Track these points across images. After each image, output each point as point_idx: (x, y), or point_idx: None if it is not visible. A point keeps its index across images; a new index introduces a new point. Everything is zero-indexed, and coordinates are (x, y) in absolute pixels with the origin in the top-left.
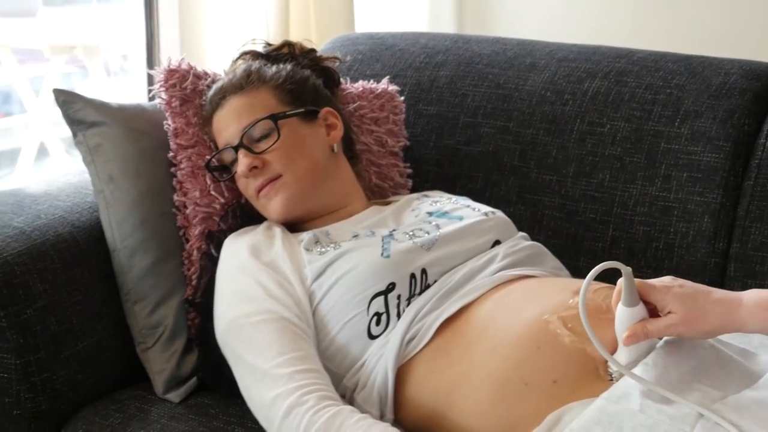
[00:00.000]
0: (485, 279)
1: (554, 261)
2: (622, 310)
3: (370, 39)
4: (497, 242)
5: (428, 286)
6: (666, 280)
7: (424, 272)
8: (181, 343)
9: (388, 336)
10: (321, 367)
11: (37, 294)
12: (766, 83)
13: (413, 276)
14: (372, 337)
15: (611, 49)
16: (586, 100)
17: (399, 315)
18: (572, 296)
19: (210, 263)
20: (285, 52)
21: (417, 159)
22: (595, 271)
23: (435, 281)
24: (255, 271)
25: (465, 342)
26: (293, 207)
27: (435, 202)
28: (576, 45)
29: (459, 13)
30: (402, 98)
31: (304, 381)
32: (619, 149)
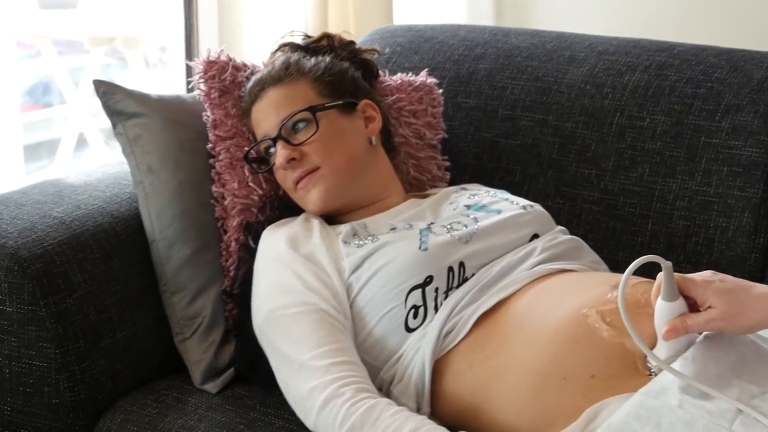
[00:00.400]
0: (523, 273)
1: (593, 255)
2: (662, 305)
3: (409, 31)
4: (535, 236)
5: (466, 280)
6: (706, 275)
7: (462, 265)
8: (219, 334)
9: (426, 329)
10: (358, 360)
11: (77, 284)
12: None
13: (451, 269)
14: (409, 330)
15: (652, 43)
16: (626, 94)
17: (436, 308)
18: (611, 290)
19: (248, 255)
20: (324, 45)
21: (455, 152)
22: (635, 265)
23: (473, 274)
24: (293, 263)
25: (502, 336)
26: (331, 199)
27: (473, 195)
28: (616, 38)
29: (497, 6)
30: (440, 91)
31: (342, 373)
32: (659, 143)
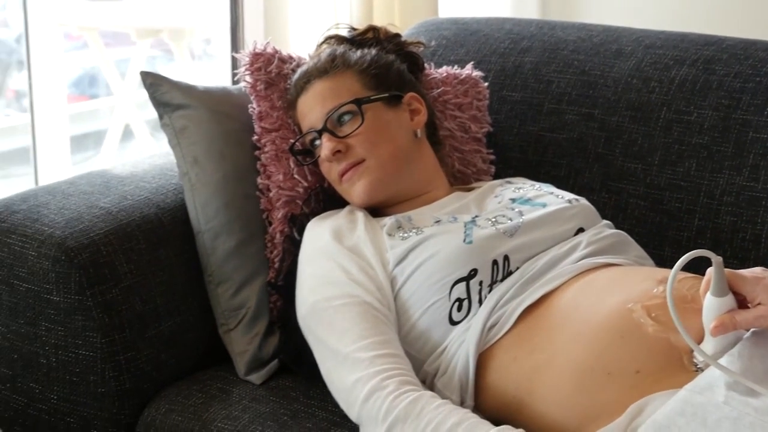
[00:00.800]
0: (568, 266)
1: (638, 250)
2: (711, 300)
3: (455, 24)
4: (581, 230)
5: (510, 273)
6: (756, 271)
7: (507, 259)
8: (263, 326)
9: (470, 322)
10: (402, 352)
11: (123, 274)
12: None
13: (495, 262)
14: (453, 323)
15: (699, 36)
16: (673, 88)
17: (480, 301)
18: (656, 285)
19: (292, 246)
20: (369, 37)
21: (500, 145)
22: (685, 259)
23: (517, 268)
24: (337, 255)
25: (547, 329)
26: (376, 192)
27: (518, 189)
28: (663, 32)
29: None
30: (486, 84)
31: (385, 365)
32: (707, 138)
